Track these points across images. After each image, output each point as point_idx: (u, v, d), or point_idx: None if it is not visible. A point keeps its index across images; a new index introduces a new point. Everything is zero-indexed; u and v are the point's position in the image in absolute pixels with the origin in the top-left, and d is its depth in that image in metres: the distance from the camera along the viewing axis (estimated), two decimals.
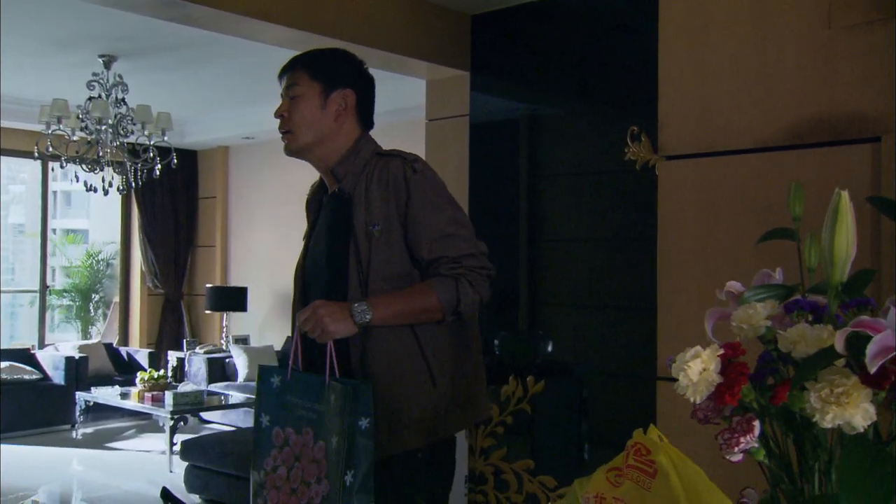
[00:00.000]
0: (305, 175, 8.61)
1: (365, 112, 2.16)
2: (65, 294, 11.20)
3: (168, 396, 6.22)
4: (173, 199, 9.38)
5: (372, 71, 5.36)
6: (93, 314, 11.31)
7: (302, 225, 8.05)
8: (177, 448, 6.10)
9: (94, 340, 8.87)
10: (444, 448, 2.04)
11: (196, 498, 5.20)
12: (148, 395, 6.49)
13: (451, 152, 4.55)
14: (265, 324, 8.92)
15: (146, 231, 9.20)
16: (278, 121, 8.18)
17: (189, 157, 9.24)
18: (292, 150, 2.12)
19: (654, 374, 2.17)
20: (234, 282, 9.25)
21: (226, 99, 7.72)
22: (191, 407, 6.29)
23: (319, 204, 2.18)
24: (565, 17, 4.24)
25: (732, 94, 2.03)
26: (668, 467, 1.48)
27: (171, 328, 9.42)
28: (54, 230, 9.99)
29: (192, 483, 5.21)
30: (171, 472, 6.03)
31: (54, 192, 11.85)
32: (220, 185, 9.46)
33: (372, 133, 7.96)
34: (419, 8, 4.40)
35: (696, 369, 1.03)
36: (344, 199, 2.04)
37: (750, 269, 2.14)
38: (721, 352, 1.04)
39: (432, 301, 1.91)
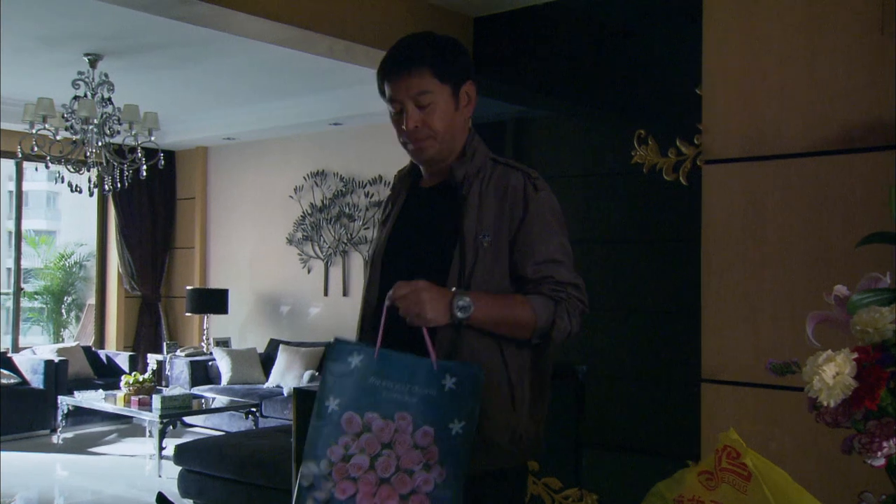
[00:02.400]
0: (286, 177, 8.53)
1: (476, 104, 2.02)
2: (36, 296, 11.00)
3: (156, 400, 6.13)
4: (151, 200, 9.25)
5: (369, 71, 5.35)
6: (65, 317, 11.13)
7: (283, 227, 7.99)
8: (165, 452, 6.03)
9: (73, 343, 8.72)
10: (514, 476, 1.94)
11: (190, 502, 5.13)
12: (135, 398, 6.39)
13: None
14: (246, 326, 8.84)
15: (123, 232, 9.07)
16: (263, 123, 7.93)
17: (167, 158, 9.11)
18: (430, 158, 1.96)
19: (699, 377, 2.18)
20: (213, 284, 9.16)
21: (208, 99, 7.63)
22: (179, 410, 6.21)
23: (409, 191, 2.06)
24: (568, 21, 4.26)
25: (781, 97, 2.05)
26: (755, 470, 1.49)
27: (148, 331, 9.30)
28: (10, 231, 9.74)
29: (186, 487, 5.14)
30: (159, 476, 5.94)
31: (10, 192, 11.61)
32: (199, 187, 9.35)
33: (368, 135, 7.92)
34: (421, 9, 4.39)
35: (831, 373, 1.04)
36: (453, 200, 1.92)
37: (799, 273, 2.17)
38: (855, 356, 1.05)
39: (529, 316, 1.83)
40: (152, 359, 8.38)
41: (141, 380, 6.65)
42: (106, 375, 8.21)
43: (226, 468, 4.91)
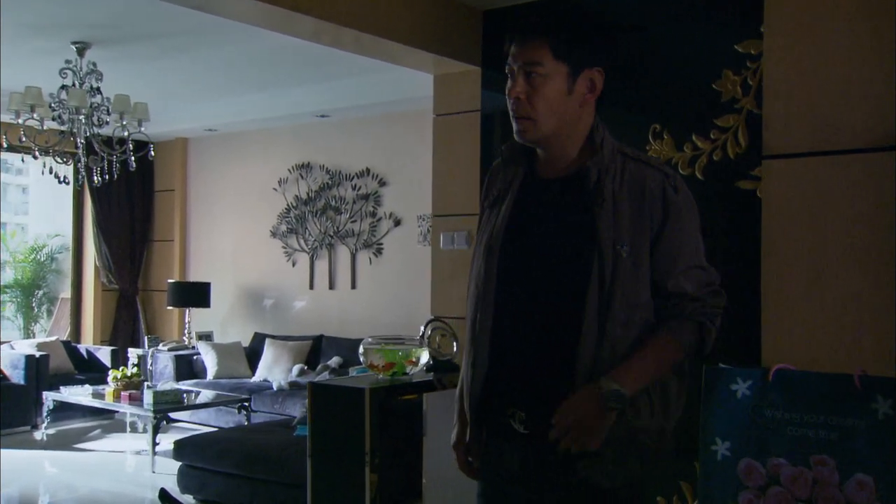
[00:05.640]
0: (270, 169, 8.48)
1: (605, 90, 1.85)
2: (6, 290, 10.76)
3: (148, 395, 6.04)
4: (129, 192, 9.11)
5: (357, 62, 5.33)
6: (36, 311, 10.90)
7: (266, 219, 7.93)
8: (158, 448, 5.96)
9: (53, 338, 8.55)
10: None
11: (190, 498, 5.07)
12: (124, 394, 6.29)
13: (460, 148, 4.54)
14: (227, 320, 8.76)
15: (101, 224, 8.92)
16: (247, 114, 7.89)
17: (143, 149, 8.96)
18: (530, 140, 1.83)
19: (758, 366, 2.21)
20: (193, 277, 9.06)
21: (190, 90, 7.50)
22: (171, 406, 6.12)
23: (523, 179, 1.90)
24: (579, 14, 4.27)
25: (846, 92, 2.08)
26: None
27: (125, 324, 9.17)
28: None
29: (186, 483, 5.08)
30: (153, 472, 5.86)
31: None
32: (179, 178, 9.23)
33: (356, 127, 7.81)
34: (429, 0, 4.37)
35: None
36: (583, 199, 1.79)
37: (862, 266, 2.21)
38: None
39: (679, 352, 1.75)
40: (133, 353, 8.25)
41: (129, 375, 6.55)
42: (86, 370, 8.06)
43: (228, 463, 4.86)
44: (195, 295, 8.37)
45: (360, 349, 3.88)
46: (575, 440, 1.66)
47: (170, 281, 8.57)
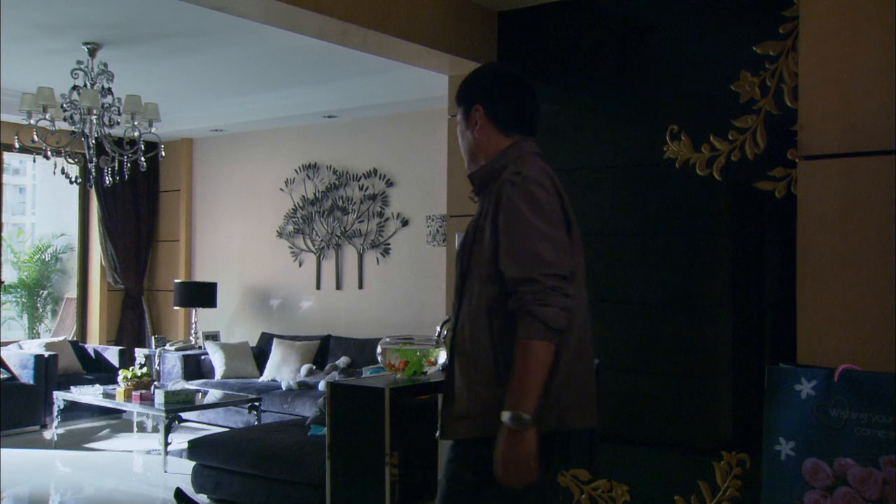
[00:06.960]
0: (276, 169, 8.54)
1: (504, 120, 2.21)
2: (11, 290, 10.77)
3: (159, 395, 6.05)
4: (134, 192, 9.12)
5: (364, 63, 5.36)
6: (41, 311, 10.91)
7: (273, 220, 8.05)
8: (170, 447, 5.98)
9: (61, 338, 8.55)
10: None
11: (205, 498, 5.09)
12: (135, 393, 6.29)
13: None
14: (234, 319, 8.77)
15: (107, 224, 8.92)
16: (254, 115, 8.25)
17: (152, 150, 8.97)
18: (470, 174, 2.28)
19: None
20: (199, 277, 9.07)
21: (197, 90, 7.52)
22: (183, 405, 6.13)
23: None
24: (594, 16, 4.29)
25: (882, 92, 2.10)
26: None
27: (131, 324, 9.17)
28: None
29: (201, 483, 5.10)
30: (165, 471, 5.88)
31: None
32: (185, 179, 9.24)
33: (363, 128, 7.85)
34: (445, 2, 4.39)
35: None
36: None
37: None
38: None
39: (538, 348, 1.96)
40: (139, 353, 8.26)
41: (139, 374, 6.56)
42: (94, 370, 8.08)
43: (244, 463, 4.88)
44: (202, 295, 8.38)
45: (378, 349, 3.89)
46: (517, 478, 1.96)
47: (177, 281, 8.58)
